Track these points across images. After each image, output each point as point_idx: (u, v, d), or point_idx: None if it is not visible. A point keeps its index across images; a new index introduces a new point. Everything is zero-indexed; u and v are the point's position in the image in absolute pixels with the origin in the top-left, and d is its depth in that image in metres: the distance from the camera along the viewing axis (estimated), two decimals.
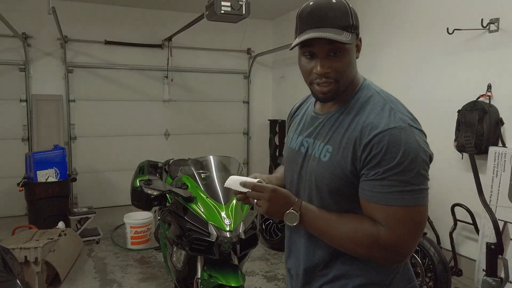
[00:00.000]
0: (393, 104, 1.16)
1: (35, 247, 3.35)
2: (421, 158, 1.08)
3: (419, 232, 1.08)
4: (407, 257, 1.11)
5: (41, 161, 4.71)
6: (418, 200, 1.06)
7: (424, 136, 1.16)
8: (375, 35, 4.77)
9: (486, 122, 3.33)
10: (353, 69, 1.18)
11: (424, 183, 1.07)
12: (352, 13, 1.12)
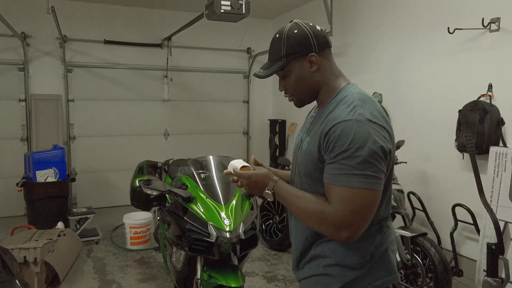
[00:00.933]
0: (360, 103, 1.28)
1: (34, 247, 3.34)
2: (369, 147, 1.19)
3: (362, 214, 1.21)
4: (352, 236, 1.23)
5: (40, 161, 4.70)
6: (362, 183, 1.19)
7: (385, 131, 1.26)
8: (376, 34, 4.77)
9: (487, 122, 3.32)
10: (307, 82, 1.39)
11: (371, 170, 1.20)
12: (285, 44, 1.35)
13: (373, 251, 1.33)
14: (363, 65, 4.98)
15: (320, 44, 1.36)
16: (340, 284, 1.31)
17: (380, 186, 1.23)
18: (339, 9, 5.21)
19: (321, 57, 1.37)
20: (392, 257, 1.38)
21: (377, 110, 1.28)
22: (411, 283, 3.10)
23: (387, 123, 1.29)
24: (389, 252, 1.37)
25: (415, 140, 4.19)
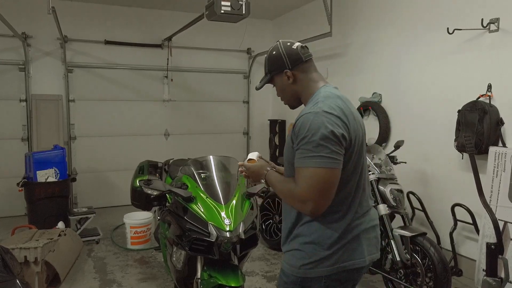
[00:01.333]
0: (323, 99, 1.54)
1: (35, 247, 3.34)
2: (322, 133, 1.43)
3: (320, 189, 1.44)
4: (315, 208, 1.47)
5: (41, 161, 4.71)
6: (317, 163, 1.42)
7: (339, 120, 1.48)
8: (375, 34, 4.77)
9: (486, 122, 3.33)
10: (287, 91, 1.70)
11: (324, 151, 1.43)
12: (267, 63, 1.72)
13: (342, 235, 1.55)
14: (363, 65, 4.99)
15: (293, 61, 1.65)
16: (311, 260, 1.54)
17: (335, 165, 1.45)
18: (339, 9, 5.22)
19: (296, 71, 1.66)
20: (363, 243, 1.59)
21: (335, 104, 1.52)
22: (411, 282, 3.10)
23: (344, 114, 1.51)
24: (361, 239, 1.58)
25: (414, 140, 4.20)
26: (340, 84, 5.41)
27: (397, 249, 3.12)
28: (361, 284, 3.65)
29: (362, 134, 1.61)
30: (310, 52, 1.70)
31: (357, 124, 1.57)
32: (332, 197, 1.48)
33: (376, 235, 1.70)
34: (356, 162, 1.56)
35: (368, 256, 1.61)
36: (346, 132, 1.47)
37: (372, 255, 1.64)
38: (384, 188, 3.32)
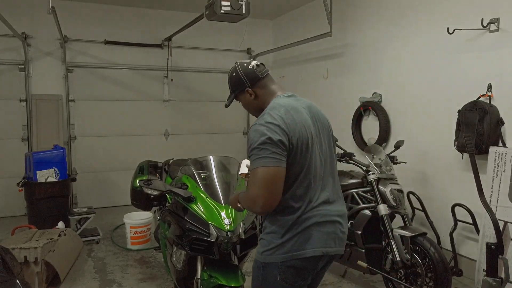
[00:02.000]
0: (269, 110, 1.76)
1: (35, 247, 3.34)
2: (262, 139, 1.64)
3: (266, 186, 1.62)
4: (265, 204, 1.64)
5: (41, 161, 4.71)
6: (260, 163, 1.63)
7: (278, 128, 1.67)
8: (375, 34, 4.77)
9: (486, 122, 3.33)
10: (251, 105, 1.93)
11: (266, 153, 1.63)
12: (230, 84, 1.99)
13: (292, 226, 1.73)
14: (363, 65, 4.99)
15: (251, 80, 1.89)
16: (269, 247, 1.77)
17: (276, 163, 1.63)
18: (339, 9, 5.22)
19: (255, 88, 1.89)
20: (315, 236, 1.73)
21: (277, 114, 1.71)
22: (411, 282, 3.10)
23: (284, 123, 1.69)
24: (313, 231, 1.73)
25: (414, 140, 4.20)
26: (340, 84, 5.43)
27: (397, 249, 3.12)
28: (361, 284, 3.65)
29: (312, 136, 1.76)
30: (265, 68, 1.95)
31: (303, 127, 1.73)
32: (278, 192, 1.66)
33: (336, 230, 1.80)
34: (302, 162, 1.72)
35: (321, 248, 1.74)
36: (284, 137, 1.67)
37: (327, 248, 1.76)
38: (384, 188, 3.32)
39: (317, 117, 1.84)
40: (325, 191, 1.80)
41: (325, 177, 1.82)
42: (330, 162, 1.86)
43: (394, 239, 3.15)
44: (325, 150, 1.83)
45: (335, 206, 1.83)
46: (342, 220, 1.84)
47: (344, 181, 3.63)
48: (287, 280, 1.75)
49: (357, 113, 5.00)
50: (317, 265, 1.78)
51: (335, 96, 5.54)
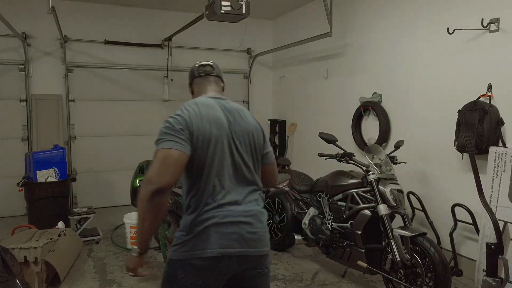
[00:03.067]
0: (183, 106, 1.85)
1: (35, 247, 3.34)
2: (165, 126, 1.77)
3: (160, 167, 1.66)
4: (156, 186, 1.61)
5: (41, 161, 4.71)
6: (160, 146, 1.72)
7: (181, 118, 1.77)
8: (375, 34, 4.77)
9: (486, 122, 3.33)
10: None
11: (166, 138, 1.73)
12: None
13: (191, 226, 1.75)
14: (363, 65, 4.99)
15: (191, 76, 2.08)
16: (175, 243, 1.78)
17: (175, 145, 1.70)
18: (339, 9, 5.22)
19: (193, 85, 2.07)
20: (213, 236, 1.72)
21: (187, 109, 1.81)
22: (411, 283, 3.10)
23: (189, 116, 1.77)
24: (211, 231, 1.72)
25: (414, 140, 4.20)
26: (340, 84, 5.43)
27: (397, 249, 3.12)
28: (361, 284, 3.65)
29: (220, 134, 1.79)
30: (209, 70, 2.06)
31: (208, 122, 1.78)
32: (172, 173, 1.67)
33: (240, 231, 1.76)
34: (204, 157, 1.75)
35: (219, 249, 1.71)
36: (186, 128, 1.75)
37: (227, 249, 1.72)
38: (384, 188, 3.32)
39: (238, 121, 1.85)
40: (232, 194, 1.79)
41: (236, 180, 1.81)
42: (246, 167, 1.84)
43: (394, 239, 3.15)
44: (242, 153, 1.83)
45: (242, 207, 1.79)
46: (251, 220, 1.80)
47: (344, 181, 3.64)
48: (186, 278, 1.74)
49: (357, 113, 5.00)
50: (218, 266, 1.73)
51: (335, 96, 5.54)
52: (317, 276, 3.83)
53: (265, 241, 1.85)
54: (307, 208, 4.02)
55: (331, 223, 3.65)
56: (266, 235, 1.86)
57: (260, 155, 1.93)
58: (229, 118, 1.84)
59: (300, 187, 4.18)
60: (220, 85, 2.08)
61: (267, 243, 1.86)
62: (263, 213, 1.87)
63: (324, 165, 4.37)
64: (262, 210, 1.88)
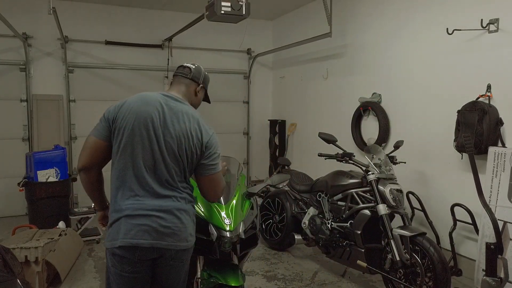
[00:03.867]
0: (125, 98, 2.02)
1: (36, 246, 3.35)
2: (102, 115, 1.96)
3: (81, 150, 1.99)
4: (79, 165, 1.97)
5: (42, 161, 4.72)
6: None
7: (116, 107, 1.94)
8: (375, 35, 4.78)
9: (485, 122, 3.34)
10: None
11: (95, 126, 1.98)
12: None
13: (111, 215, 1.90)
14: (363, 65, 5.00)
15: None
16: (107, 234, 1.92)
17: (93, 132, 1.98)
18: (339, 10, 5.23)
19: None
20: (124, 226, 1.83)
21: (127, 100, 1.94)
22: (410, 282, 3.11)
23: (122, 106, 1.92)
24: (122, 222, 1.84)
25: (414, 141, 4.21)
26: (340, 84, 5.44)
27: (396, 249, 3.13)
28: (360, 283, 3.66)
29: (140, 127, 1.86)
30: (184, 72, 2.14)
31: (133, 114, 1.87)
32: (84, 158, 1.95)
33: (151, 223, 1.84)
34: (129, 150, 1.87)
35: (129, 239, 1.82)
36: (109, 117, 1.91)
37: (137, 240, 1.82)
38: (384, 188, 3.33)
39: (173, 123, 1.90)
40: (148, 188, 1.87)
41: (155, 176, 1.88)
42: (166, 166, 1.89)
43: (393, 239, 3.16)
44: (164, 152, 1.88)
45: (157, 202, 1.87)
46: (163, 215, 1.87)
47: (343, 181, 3.65)
48: (115, 266, 1.87)
49: (356, 113, 5.01)
50: (134, 255, 1.83)
51: (335, 96, 5.55)
52: (317, 275, 3.84)
53: (182, 236, 1.91)
54: (307, 208, 4.03)
55: (331, 223, 3.66)
56: (183, 231, 1.91)
57: (192, 160, 1.95)
58: (163, 117, 1.90)
59: (300, 187, 4.19)
60: (190, 88, 2.12)
61: (185, 239, 1.92)
62: (181, 210, 1.92)
63: (324, 165, 4.38)
64: (182, 206, 1.93)
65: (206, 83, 2.23)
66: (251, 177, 7.20)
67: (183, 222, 1.92)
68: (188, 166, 1.95)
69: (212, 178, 2.01)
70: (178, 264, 1.97)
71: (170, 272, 1.98)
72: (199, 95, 2.18)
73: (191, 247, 2.00)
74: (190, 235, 1.96)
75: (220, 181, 2.06)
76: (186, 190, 1.99)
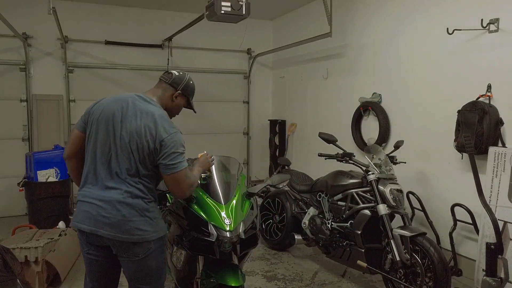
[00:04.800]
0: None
1: (36, 246, 3.35)
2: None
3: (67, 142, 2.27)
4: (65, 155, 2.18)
5: (42, 161, 4.72)
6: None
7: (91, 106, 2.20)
8: (375, 35, 4.78)
9: (486, 122, 3.34)
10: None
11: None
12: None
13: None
14: (363, 65, 4.99)
15: None
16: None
17: (76, 125, 2.18)
18: (339, 10, 5.23)
19: None
20: (77, 211, 2.06)
21: (102, 100, 2.19)
22: (410, 282, 3.11)
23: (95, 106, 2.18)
24: (77, 207, 2.07)
25: (414, 141, 4.20)
26: (340, 84, 5.43)
27: (397, 249, 3.13)
28: (360, 283, 3.66)
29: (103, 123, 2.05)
30: (165, 77, 2.26)
31: (102, 111, 2.08)
32: (67, 148, 2.16)
33: (92, 211, 1.99)
34: (92, 141, 2.06)
35: (77, 223, 2.03)
36: (87, 112, 2.17)
37: (81, 225, 2.01)
38: (384, 188, 3.33)
39: (130, 121, 2.02)
40: (99, 179, 2.03)
41: (108, 169, 2.03)
42: (117, 160, 2.02)
43: (393, 239, 3.16)
44: (117, 147, 2.02)
45: (102, 192, 2.01)
46: (104, 205, 1.99)
47: (344, 181, 3.64)
48: (81, 245, 2.11)
49: (357, 113, 5.01)
50: (84, 238, 2.05)
51: (335, 96, 5.55)
52: (317, 275, 3.84)
53: (123, 228, 1.98)
54: (307, 208, 4.03)
55: (331, 223, 3.66)
56: (124, 223, 1.98)
57: (144, 155, 2.02)
58: (125, 114, 2.04)
59: (300, 187, 4.19)
60: (167, 92, 2.25)
61: (127, 232, 1.99)
62: (123, 203, 2.00)
63: (324, 165, 4.38)
64: (125, 200, 2.00)
65: (187, 91, 2.31)
66: (251, 177, 7.20)
67: (123, 214, 1.99)
68: (140, 161, 2.03)
69: (174, 177, 2.04)
70: (134, 259, 2.04)
71: (131, 266, 2.07)
72: (176, 101, 2.29)
73: (143, 242, 2.03)
74: (137, 229, 2.00)
75: (184, 180, 2.08)
76: (138, 185, 2.04)
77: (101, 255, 2.09)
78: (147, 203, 2.07)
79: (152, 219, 2.07)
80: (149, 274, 2.12)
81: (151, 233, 2.05)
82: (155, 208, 2.14)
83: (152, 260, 2.09)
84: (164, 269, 2.23)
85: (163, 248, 2.17)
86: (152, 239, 2.06)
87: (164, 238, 2.17)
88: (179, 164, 2.04)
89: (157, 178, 2.16)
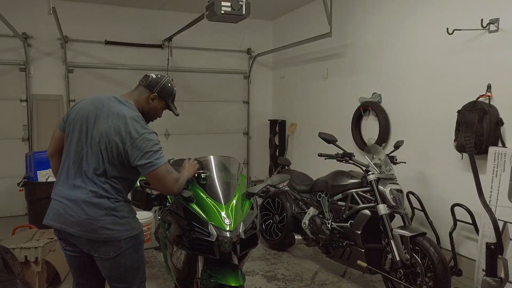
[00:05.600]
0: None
1: (36, 246, 3.35)
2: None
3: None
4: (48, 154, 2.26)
5: (42, 161, 4.71)
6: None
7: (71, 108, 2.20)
8: (375, 35, 4.78)
9: (486, 122, 3.34)
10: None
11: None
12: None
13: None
14: (363, 65, 5.00)
15: None
16: None
17: (57, 125, 2.20)
18: (339, 10, 5.23)
19: None
20: (50, 207, 2.09)
21: (82, 100, 2.20)
22: (410, 282, 3.11)
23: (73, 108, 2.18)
24: (50, 205, 2.09)
25: (414, 141, 4.21)
26: (340, 84, 5.43)
27: (396, 249, 3.13)
28: (360, 283, 3.66)
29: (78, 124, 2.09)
30: (142, 80, 2.43)
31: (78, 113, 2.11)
32: (49, 146, 2.22)
33: (59, 208, 2.03)
34: (68, 141, 2.11)
35: (47, 219, 2.08)
36: (68, 112, 2.19)
37: (50, 221, 2.07)
38: (384, 188, 3.33)
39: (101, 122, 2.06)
40: (70, 178, 2.06)
41: (79, 168, 2.06)
42: (86, 160, 2.05)
43: (393, 239, 3.16)
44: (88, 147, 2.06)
45: (70, 191, 2.04)
46: (70, 203, 2.02)
47: (344, 181, 3.64)
48: (60, 242, 2.18)
49: (356, 113, 5.01)
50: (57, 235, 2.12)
51: (335, 96, 5.55)
52: (317, 275, 3.84)
53: (89, 227, 1.99)
54: (307, 208, 4.03)
55: (331, 223, 3.66)
56: (89, 223, 2.00)
57: (113, 155, 2.04)
58: (99, 115, 2.08)
59: (300, 187, 4.19)
60: (142, 95, 2.36)
61: (93, 231, 2.00)
62: (88, 202, 2.01)
63: (324, 165, 4.38)
64: (90, 199, 2.02)
65: (163, 93, 2.35)
66: (251, 177, 7.20)
67: (88, 214, 2.00)
68: (109, 162, 2.04)
69: (154, 174, 2.05)
70: (106, 257, 2.05)
71: (105, 265, 2.10)
72: (152, 103, 2.35)
73: (113, 240, 2.03)
74: (103, 228, 2.01)
75: (165, 175, 2.08)
76: (104, 185, 2.04)
77: (77, 250, 2.13)
78: (113, 202, 2.06)
79: (120, 218, 2.06)
80: (124, 273, 2.12)
81: (121, 232, 2.05)
82: (124, 207, 2.12)
83: (125, 258, 2.09)
84: (141, 268, 2.21)
85: (138, 246, 2.15)
86: (123, 238, 2.05)
87: (138, 236, 2.15)
88: (155, 161, 2.04)
89: (130, 181, 2.18)
